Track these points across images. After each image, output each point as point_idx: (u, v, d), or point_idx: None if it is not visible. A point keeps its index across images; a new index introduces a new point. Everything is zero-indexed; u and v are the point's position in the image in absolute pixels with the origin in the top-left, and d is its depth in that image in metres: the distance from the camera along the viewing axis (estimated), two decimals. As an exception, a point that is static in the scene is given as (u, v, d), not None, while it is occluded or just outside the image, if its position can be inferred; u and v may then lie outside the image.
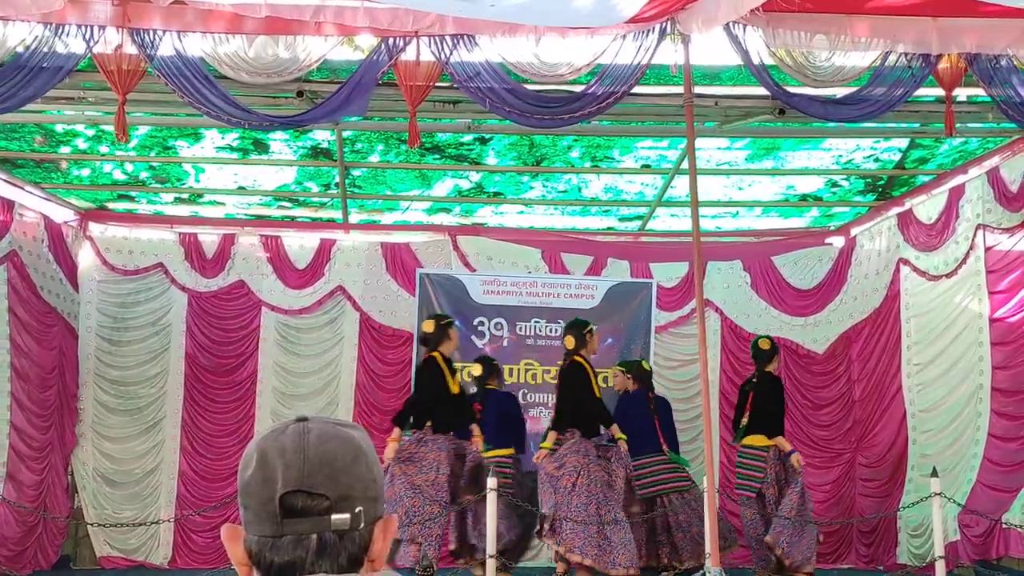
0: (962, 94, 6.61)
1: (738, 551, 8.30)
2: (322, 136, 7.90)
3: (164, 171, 8.86)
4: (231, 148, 8.15)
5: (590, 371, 7.24)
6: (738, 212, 9.82)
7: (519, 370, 9.43)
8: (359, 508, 1.19)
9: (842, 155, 8.37)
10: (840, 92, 6.19)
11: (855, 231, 10.11)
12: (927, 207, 8.88)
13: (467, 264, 9.94)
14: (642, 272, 10.00)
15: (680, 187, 8.74)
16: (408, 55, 5.80)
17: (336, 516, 1.18)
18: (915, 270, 9.02)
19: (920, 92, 6.29)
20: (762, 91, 6.34)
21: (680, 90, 6.27)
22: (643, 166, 8.60)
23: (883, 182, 9.06)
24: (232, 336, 9.82)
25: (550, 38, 5.76)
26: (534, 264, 10.03)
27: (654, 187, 9.02)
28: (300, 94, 6.49)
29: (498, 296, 9.59)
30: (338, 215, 9.80)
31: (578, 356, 7.26)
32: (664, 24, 5.68)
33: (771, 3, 5.23)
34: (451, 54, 5.81)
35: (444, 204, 9.67)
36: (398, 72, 5.85)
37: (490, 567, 6.34)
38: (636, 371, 8.39)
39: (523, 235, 10.17)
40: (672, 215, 9.85)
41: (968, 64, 5.91)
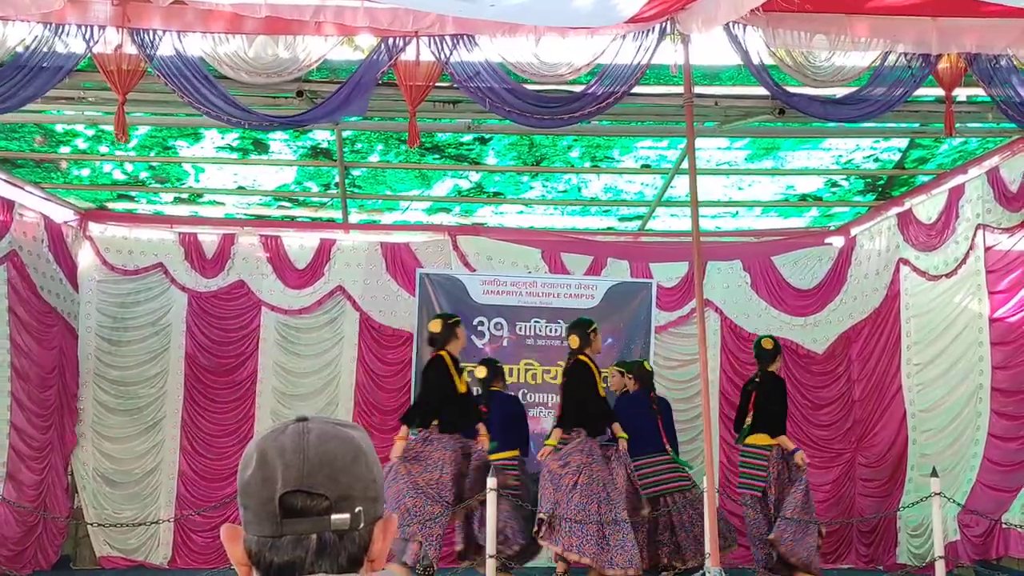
0: (962, 94, 6.61)
1: (738, 551, 8.30)
2: (322, 136, 7.90)
3: (164, 171, 8.86)
4: (231, 148, 8.15)
5: (595, 370, 7.24)
6: (738, 212, 9.82)
7: (519, 370, 9.43)
8: (359, 508, 1.19)
9: (842, 155, 8.37)
10: (840, 92, 6.19)
11: (855, 231, 10.11)
12: (927, 207, 8.88)
13: (467, 264, 9.93)
14: (642, 272, 10.00)
15: (680, 187, 8.74)
16: (408, 55, 5.80)
17: (336, 516, 1.18)
18: (915, 270, 9.02)
19: (920, 92, 6.29)
20: (762, 91, 6.34)
21: (680, 90, 6.27)
22: (643, 166, 8.59)
23: (883, 182, 9.06)
24: (232, 336, 9.82)
25: (550, 38, 5.76)
26: (534, 264, 10.03)
27: (654, 187, 9.02)
28: (300, 94, 6.49)
29: (498, 296, 9.59)
30: (338, 215, 9.80)
31: (582, 355, 7.26)
32: (664, 24, 5.68)
33: (771, 3, 5.24)
34: (451, 54, 5.81)
35: (444, 204, 9.67)
36: (398, 72, 5.85)
37: (490, 567, 6.33)
38: (637, 371, 8.38)
39: (523, 235, 10.17)
40: (672, 215, 9.85)
41: (968, 64, 5.91)
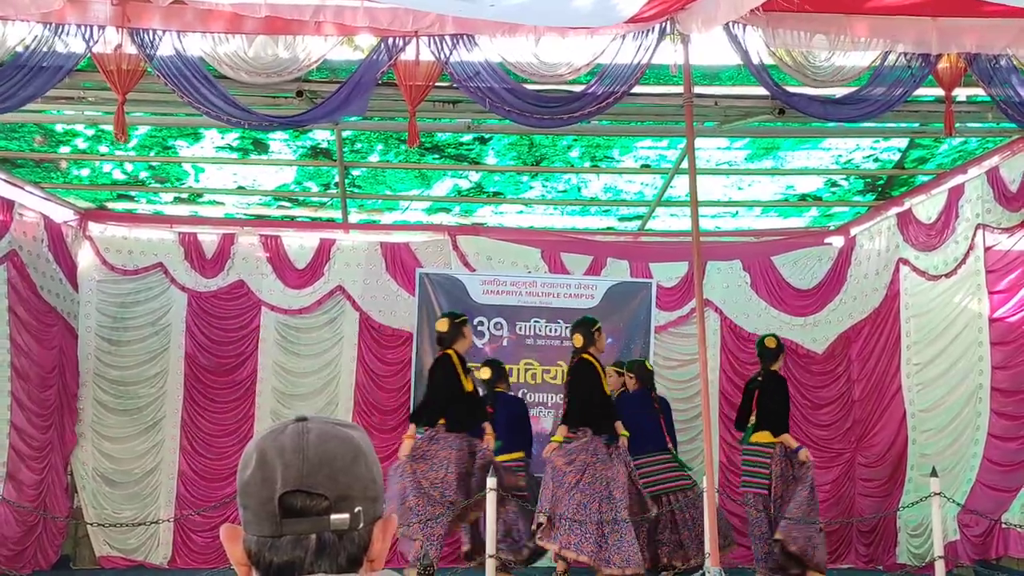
0: (962, 94, 6.61)
1: (738, 551, 8.29)
2: (322, 136, 7.90)
3: (164, 171, 8.86)
4: (231, 148, 8.15)
5: (599, 368, 7.24)
6: (738, 212, 9.82)
7: (519, 370, 9.42)
8: (358, 508, 1.19)
9: (842, 155, 8.37)
10: (840, 92, 6.19)
11: (855, 231, 10.10)
12: (927, 207, 8.88)
13: (467, 264, 9.93)
14: (642, 272, 10.00)
15: (680, 187, 8.73)
16: (408, 55, 5.80)
17: (335, 516, 1.18)
18: (915, 270, 9.02)
19: (920, 92, 6.29)
20: (762, 91, 6.34)
21: (680, 90, 6.27)
22: (643, 166, 8.59)
23: (883, 182, 9.06)
24: (232, 336, 9.81)
25: (550, 38, 5.76)
26: (534, 264, 10.02)
27: (654, 187, 9.02)
28: (300, 94, 6.49)
29: (498, 296, 9.59)
30: (338, 215, 9.80)
31: (586, 354, 7.25)
32: (664, 24, 5.68)
33: (771, 3, 5.24)
34: (451, 54, 5.81)
35: (444, 204, 9.67)
36: (398, 72, 5.85)
37: (489, 567, 6.34)
38: (639, 371, 8.38)
39: (523, 235, 10.16)
40: (672, 215, 9.84)
41: (968, 64, 5.91)
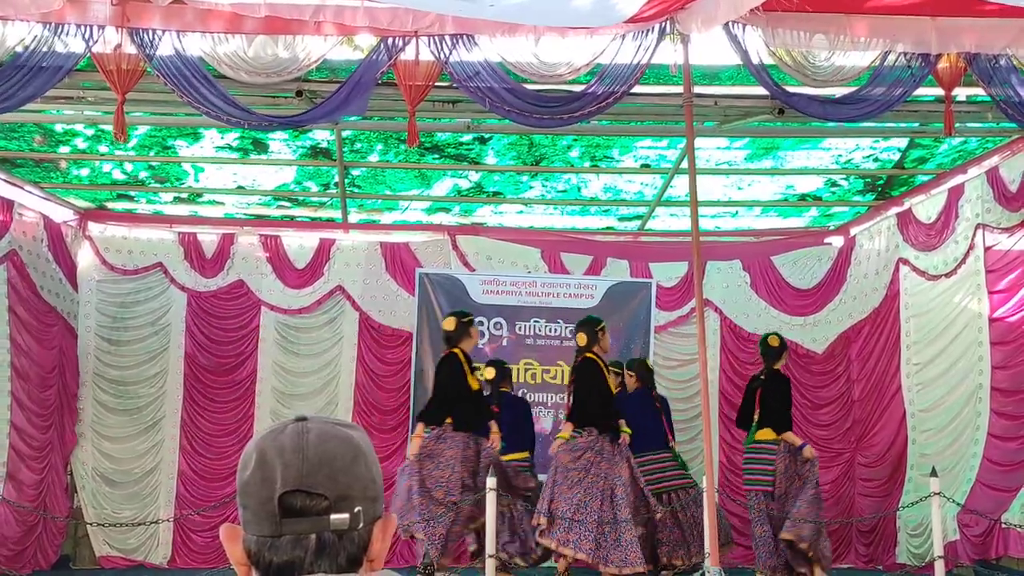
0: (961, 94, 6.61)
1: (738, 551, 8.28)
2: (321, 136, 7.90)
3: (163, 171, 8.86)
4: (230, 148, 8.15)
5: (604, 368, 7.24)
6: (737, 212, 9.82)
7: (519, 370, 9.42)
8: (358, 508, 1.19)
9: (841, 155, 8.37)
10: (839, 92, 6.19)
11: (854, 231, 10.10)
12: (926, 207, 8.88)
13: (466, 264, 9.93)
14: (641, 272, 10.00)
15: (679, 187, 8.73)
16: (407, 55, 5.80)
17: (335, 516, 1.18)
18: (914, 270, 9.01)
19: (919, 92, 6.29)
20: (761, 91, 6.34)
21: (680, 90, 6.27)
22: (642, 166, 8.59)
23: (882, 182, 9.06)
24: (231, 336, 9.81)
25: (549, 38, 5.76)
26: (533, 264, 10.02)
27: (653, 187, 9.02)
28: (299, 94, 6.49)
29: (497, 296, 9.59)
30: (337, 215, 9.80)
31: (590, 353, 7.25)
32: (663, 24, 5.68)
33: (771, 3, 5.23)
34: (451, 54, 5.80)
35: (443, 204, 9.67)
36: (397, 72, 5.85)
37: (489, 567, 6.33)
38: (639, 369, 8.38)
39: (522, 235, 10.16)
40: (671, 215, 9.85)
41: (967, 64, 5.91)
